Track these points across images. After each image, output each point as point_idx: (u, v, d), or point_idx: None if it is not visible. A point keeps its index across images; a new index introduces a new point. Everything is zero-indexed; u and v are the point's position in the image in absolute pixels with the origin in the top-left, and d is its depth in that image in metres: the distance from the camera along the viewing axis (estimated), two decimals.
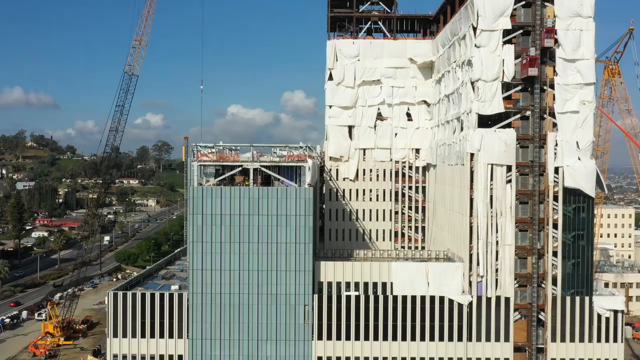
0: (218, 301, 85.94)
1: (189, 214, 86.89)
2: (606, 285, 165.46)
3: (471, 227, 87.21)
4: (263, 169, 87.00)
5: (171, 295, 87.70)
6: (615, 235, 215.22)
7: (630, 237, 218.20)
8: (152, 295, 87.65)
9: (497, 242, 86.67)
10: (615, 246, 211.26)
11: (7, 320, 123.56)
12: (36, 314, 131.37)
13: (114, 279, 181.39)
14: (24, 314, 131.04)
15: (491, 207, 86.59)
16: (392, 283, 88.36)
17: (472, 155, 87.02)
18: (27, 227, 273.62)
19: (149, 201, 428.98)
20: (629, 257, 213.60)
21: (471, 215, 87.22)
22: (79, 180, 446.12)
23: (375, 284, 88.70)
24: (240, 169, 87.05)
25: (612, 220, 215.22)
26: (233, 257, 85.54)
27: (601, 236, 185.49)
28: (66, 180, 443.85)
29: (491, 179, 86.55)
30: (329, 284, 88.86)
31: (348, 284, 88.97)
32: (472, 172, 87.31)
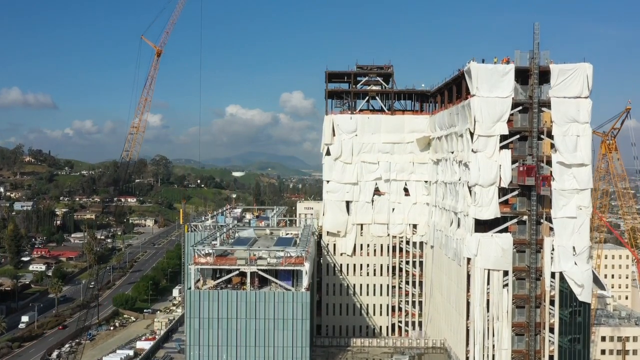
0: None
1: (186, 317, 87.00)
2: (603, 339, 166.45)
3: (467, 330, 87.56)
4: (260, 272, 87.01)
5: None
6: (613, 276, 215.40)
7: (627, 277, 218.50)
8: None
9: (493, 345, 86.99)
10: (613, 287, 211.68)
11: None
12: None
13: (112, 327, 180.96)
14: None
15: (488, 311, 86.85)
16: None
17: (468, 259, 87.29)
18: (25, 259, 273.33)
19: (147, 221, 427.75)
20: (626, 297, 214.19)
21: (468, 318, 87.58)
22: (77, 199, 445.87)
23: None
24: (237, 272, 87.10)
25: (609, 261, 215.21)
26: None
27: None
28: (64, 198, 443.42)
29: (488, 283, 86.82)
30: None
31: None
32: (468, 275, 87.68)
